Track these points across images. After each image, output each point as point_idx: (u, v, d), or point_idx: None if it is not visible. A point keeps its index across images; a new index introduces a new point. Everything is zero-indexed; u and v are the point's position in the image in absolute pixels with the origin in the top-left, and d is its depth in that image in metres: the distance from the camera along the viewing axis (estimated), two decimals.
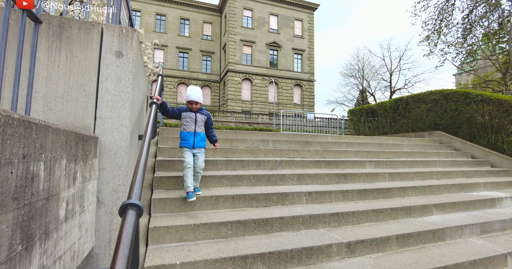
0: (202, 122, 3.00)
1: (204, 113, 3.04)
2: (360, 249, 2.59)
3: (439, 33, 22.58)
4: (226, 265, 2.10)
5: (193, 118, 2.93)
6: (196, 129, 2.93)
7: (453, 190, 4.41)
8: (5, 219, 0.81)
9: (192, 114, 2.95)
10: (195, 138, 2.90)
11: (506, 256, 2.84)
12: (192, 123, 2.93)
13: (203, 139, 3.00)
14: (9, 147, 0.81)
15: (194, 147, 2.89)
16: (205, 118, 3.04)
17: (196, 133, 2.92)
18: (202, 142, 2.98)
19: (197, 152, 2.91)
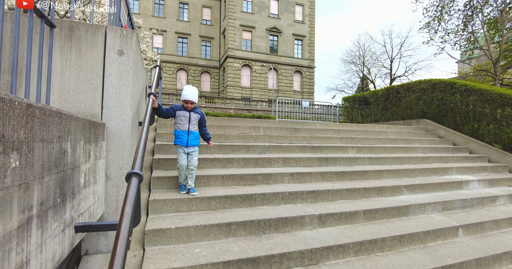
0: (196, 121, 3.07)
1: (197, 112, 3.11)
2: (330, 221, 3.04)
3: (440, 20, 22.37)
4: (213, 229, 2.54)
5: (187, 117, 3.00)
6: (190, 128, 3.00)
7: (427, 174, 4.83)
8: (51, 178, 1.19)
9: (186, 113, 3.01)
10: (188, 136, 2.98)
11: (458, 229, 3.29)
12: (186, 122, 3.00)
13: (196, 137, 3.07)
14: (51, 130, 1.18)
15: (188, 145, 2.97)
16: (198, 117, 3.10)
17: (189, 132, 2.99)
18: (196, 140, 3.05)
19: (191, 151, 3.00)
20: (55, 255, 1.30)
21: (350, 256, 2.63)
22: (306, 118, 11.56)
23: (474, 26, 22.72)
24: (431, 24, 23.18)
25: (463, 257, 2.77)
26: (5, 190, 0.85)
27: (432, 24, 23.10)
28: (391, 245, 2.84)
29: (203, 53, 38.47)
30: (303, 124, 6.11)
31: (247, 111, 28.52)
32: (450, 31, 23.17)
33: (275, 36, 37.46)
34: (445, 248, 2.97)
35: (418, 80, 8.21)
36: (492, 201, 4.22)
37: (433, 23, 23.04)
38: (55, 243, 1.29)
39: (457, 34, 22.78)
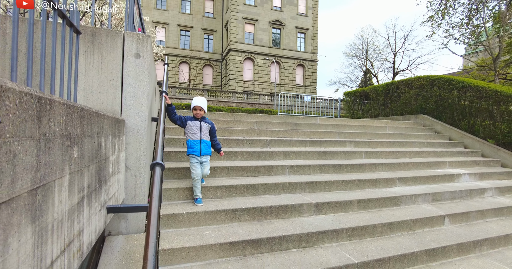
0: (207, 130, 3.09)
1: (208, 122, 3.13)
2: (326, 209, 3.32)
3: (444, 13, 22.19)
4: (220, 215, 2.83)
5: (198, 126, 3.02)
6: (202, 137, 3.01)
7: (421, 167, 5.09)
8: (93, 167, 1.47)
9: (197, 123, 3.04)
10: (201, 145, 2.99)
11: (444, 217, 3.57)
12: (198, 131, 3.01)
13: (209, 146, 3.09)
14: (93, 128, 1.45)
15: (201, 154, 2.98)
16: (209, 127, 3.12)
17: (202, 141, 3.00)
18: (208, 149, 3.06)
19: (204, 160, 3.02)
20: (96, 229, 1.58)
21: (343, 240, 2.92)
22: (308, 113, 11.77)
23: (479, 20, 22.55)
24: (434, 18, 23.04)
25: (446, 242, 3.05)
26: (71, 174, 1.12)
27: (436, 18, 22.95)
28: (381, 231, 3.13)
29: (205, 46, 38.39)
30: (304, 120, 6.36)
31: (249, 105, 28.69)
32: (454, 25, 23.01)
33: (278, 29, 37.26)
34: (431, 234, 3.25)
35: (417, 76, 8.38)
36: (480, 193, 4.48)
37: (437, 17, 22.89)
38: (95, 219, 1.57)
39: (461, 28, 22.63)
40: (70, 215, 1.14)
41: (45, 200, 0.90)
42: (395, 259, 2.69)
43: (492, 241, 3.30)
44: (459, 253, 3.07)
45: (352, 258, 2.56)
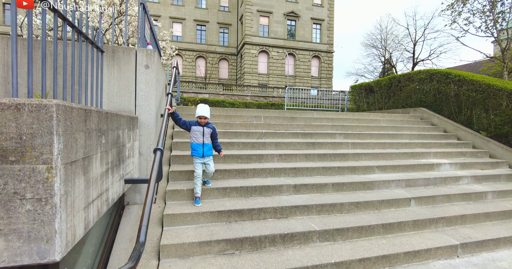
0: (209, 134, 3.46)
1: (210, 127, 3.48)
2: (304, 190, 3.97)
3: (464, 0, 21.33)
4: (214, 192, 3.57)
5: (201, 131, 3.39)
6: (204, 141, 3.39)
7: (405, 157, 5.56)
8: (114, 150, 2.22)
9: (200, 128, 3.39)
10: (204, 148, 3.38)
11: (410, 200, 4.10)
12: (200, 136, 3.39)
13: (210, 148, 3.48)
14: (115, 124, 2.20)
15: (203, 155, 3.38)
16: (211, 131, 3.48)
17: (204, 144, 3.39)
18: (210, 151, 3.46)
19: (207, 160, 3.43)
20: (117, 191, 2.36)
21: (313, 214, 3.57)
22: (315, 106, 12.21)
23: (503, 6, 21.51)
24: (454, 6, 22.18)
25: (403, 218, 3.61)
26: (101, 153, 1.87)
27: (456, 5, 22.09)
28: (349, 209, 3.74)
29: (221, 40, 39.01)
30: (301, 114, 6.93)
31: (263, 98, 29.19)
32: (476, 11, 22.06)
33: (293, 21, 37.07)
34: (393, 213, 3.82)
35: (418, 70, 8.60)
36: (455, 180, 4.91)
37: (457, 4, 22.03)
38: (117, 185, 2.35)
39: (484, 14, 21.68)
40: (101, 177, 1.90)
41: (89, 164, 1.65)
42: (353, 229, 3.31)
43: (448, 219, 3.81)
44: (415, 228, 3.62)
45: (315, 227, 3.21)
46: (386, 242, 3.27)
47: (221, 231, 3.00)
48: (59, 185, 1.28)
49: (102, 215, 1.95)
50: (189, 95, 25.22)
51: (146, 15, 4.11)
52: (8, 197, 1.19)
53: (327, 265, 2.76)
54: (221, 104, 16.66)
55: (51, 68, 2.89)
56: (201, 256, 2.76)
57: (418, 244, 3.26)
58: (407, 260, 3.09)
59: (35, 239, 1.24)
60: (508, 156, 5.90)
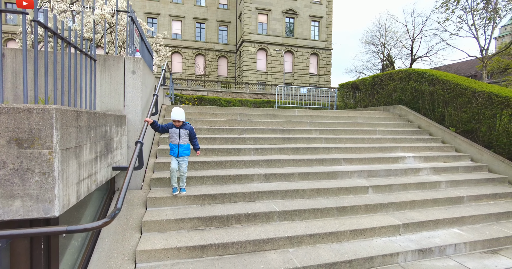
0: (185, 136, 3.68)
1: (186, 128, 3.69)
2: (273, 178, 4.54)
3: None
4: (193, 179, 4.15)
5: (177, 133, 3.63)
6: (180, 142, 3.64)
7: (373, 151, 6.10)
8: (102, 142, 2.79)
9: (176, 130, 3.64)
10: (179, 148, 3.64)
11: (368, 188, 4.66)
12: (177, 137, 3.64)
13: (186, 149, 3.69)
14: (103, 121, 2.76)
15: (178, 155, 3.64)
16: (187, 132, 3.69)
17: (180, 145, 3.64)
18: (186, 151, 3.68)
19: (181, 159, 3.68)
20: (105, 175, 2.95)
21: (277, 198, 4.14)
22: (307, 104, 12.72)
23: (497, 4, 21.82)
24: (448, 3, 22.49)
25: (357, 203, 4.18)
26: (90, 144, 2.45)
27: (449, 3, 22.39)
28: (310, 195, 4.31)
29: (220, 37, 39.39)
30: (283, 111, 7.47)
31: (261, 95, 29.67)
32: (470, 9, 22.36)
33: (291, 18, 37.35)
34: (350, 199, 4.38)
35: (398, 70, 9.09)
36: (415, 172, 5.45)
37: (451, 2, 22.33)
38: (105, 170, 2.93)
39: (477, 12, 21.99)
40: (90, 162, 2.48)
41: (80, 151, 2.22)
42: (309, 211, 3.88)
43: (399, 204, 4.37)
44: (367, 212, 4.18)
45: (277, 208, 3.79)
46: (338, 222, 3.85)
47: (195, 211, 3.58)
48: (58, 164, 1.86)
49: (91, 191, 2.53)
50: (188, 93, 25.79)
51: (135, 25, 4.66)
52: (23, 171, 1.77)
53: (281, 238, 3.34)
54: (218, 102, 17.22)
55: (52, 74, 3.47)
56: (176, 231, 3.35)
57: (365, 224, 3.83)
58: (353, 237, 3.66)
59: (41, 200, 1.83)
60: (471, 149, 6.42)
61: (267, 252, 3.25)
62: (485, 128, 6.48)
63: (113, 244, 3.04)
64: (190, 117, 6.43)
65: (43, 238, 2.10)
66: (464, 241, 3.77)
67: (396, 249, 3.47)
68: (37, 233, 1.74)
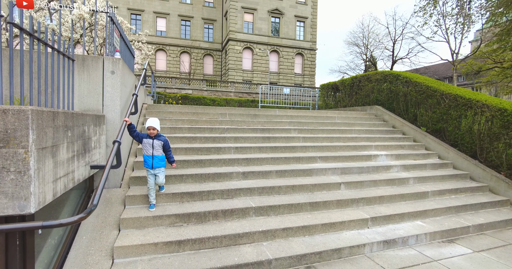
0: (159, 147, 3.55)
1: (161, 139, 3.58)
2: (251, 176, 4.72)
3: (435, 3, 22.61)
4: (172, 178, 4.26)
5: (150, 143, 3.51)
6: (154, 153, 3.50)
7: (348, 149, 6.40)
8: (79, 141, 2.86)
9: (150, 140, 3.51)
10: (153, 160, 3.50)
11: (341, 184, 4.92)
12: (150, 148, 3.50)
13: (161, 160, 3.56)
14: (80, 121, 2.83)
15: (153, 167, 3.50)
16: (161, 143, 3.57)
17: (154, 156, 3.50)
18: (160, 162, 3.55)
19: (157, 172, 3.55)
20: (83, 173, 3.02)
21: (255, 195, 4.32)
22: (291, 103, 12.99)
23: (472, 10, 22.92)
24: (426, 8, 23.44)
25: (330, 198, 4.42)
26: (67, 143, 2.52)
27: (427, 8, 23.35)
28: (286, 191, 4.52)
29: (205, 35, 39.14)
30: (264, 111, 7.66)
31: (247, 94, 29.78)
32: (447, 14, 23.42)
33: (277, 18, 37.64)
34: (323, 195, 4.62)
35: (374, 72, 9.50)
36: (386, 169, 5.79)
37: (428, 7, 23.29)
38: (83, 169, 3.00)
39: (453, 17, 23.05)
40: (67, 161, 2.56)
41: (57, 150, 2.30)
42: (284, 206, 4.09)
43: (368, 200, 4.66)
44: (338, 207, 4.44)
45: (253, 204, 3.97)
46: (310, 217, 4.08)
47: (173, 209, 3.70)
48: (33, 162, 1.94)
49: (68, 189, 2.61)
50: (172, 91, 25.54)
51: (115, 25, 4.68)
52: None
53: (256, 232, 3.52)
54: (202, 101, 17.21)
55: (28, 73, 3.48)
56: (154, 227, 3.46)
57: (336, 218, 4.08)
58: (324, 230, 3.90)
59: (17, 198, 1.91)
60: (439, 148, 6.86)
61: (242, 245, 3.43)
62: (452, 128, 6.94)
63: (90, 241, 3.12)
64: (172, 116, 6.50)
65: (19, 235, 2.18)
66: (425, 232, 4.09)
67: (363, 241, 3.74)
68: (12, 228, 1.82)
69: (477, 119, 6.37)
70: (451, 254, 3.76)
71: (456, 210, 4.87)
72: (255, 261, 3.10)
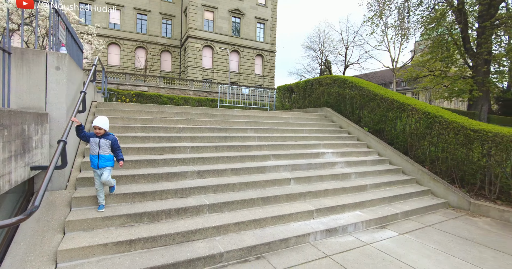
0: (106, 146, 3.48)
1: (108, 139, 3.50)
2: (206, 175, 4.83)
3: (381, 15, 24.90)
4: (123, 178, 4.18)
5: (97, 143, 3.45)
6: (100, 153, 3.44)
7: (299, 148, 6.86)
8: (19, 141, 2.70)
9: (96, 140, 3.44)
10: (99, 160, 3.44)
11: (291, 179, 5.30)
12: (96, 147, 3.44)
13: (107, 159, 3.49)
14: (18, 119, 2.68)
15: (98, 167, 3.44)
16: (109, 143, 3.50)
17: (99, 156, 3.44)
18: (106, 162, 3.48)
19: (103, 171, 3.48)
20: (21, 175, 2.85)
21: (209, 193, 4.46)
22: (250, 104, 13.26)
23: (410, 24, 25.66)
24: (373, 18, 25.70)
25: (280, 193, 4.74)
26: (3, 143, 2.39)
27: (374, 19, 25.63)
28: (240, 188, 4.73)
29: (163, 31, 37.70)
30: (222, 111, 7.80)
31: (207, 93, 29.43)
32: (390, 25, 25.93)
33: (238, 18, 37.82)
34: (274, 190, 4.93)
35: (325, 76, 10.26)
36: (332, 165, 6.36)
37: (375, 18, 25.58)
38: (21, 170, 2.84)
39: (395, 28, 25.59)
40: (3, 162, 2.42)
41: None
42: (237, 202, 4.29)
43: (315, 193, 5.10)
44: (288, 200, 4.79)
45: (207, 202, 4.10)
46: (262, 211, 4.35)
47: (124, 209, 3.66)
48: None
49: (4, 192, 2.47)
50: (126, 88, 24.17)
51: (60, 17, 4.42)
52: None
53: (209, 228, 3.67)
54: (159, 98, 16.62)
55: None
56: (104, 229, 3.39)
57: (285, 211, 4.41)
58: (274, 223, 4.20)
59: None
60: (378, 146, 7.71)
61: (195, 241, 3.54)
62: (389, 128, 7.85)
63: (30, 247, 2.96)
64: (124, 115, 6.28)
65: None
66: (361, 220, 4.64)
67: (308, 230, 4.12)
68: None
69: (409, 121, 7.31)
70: (381, 238, 4.34)
71: (389, 200, 5.57)
72: (207, 255, 3.25)
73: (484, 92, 21.94)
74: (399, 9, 24.07)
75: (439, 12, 22.84)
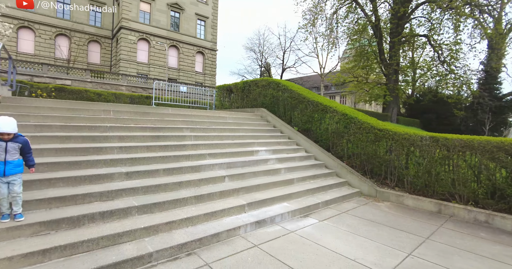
0: (15, 150, 3.13)
1: (18, 142, 3.15)
2: (136, 176, 4.67)
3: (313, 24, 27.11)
4: (36, 183, 3.76)
5: (3, 147, 3.05)
6: (7, 158, 3.06)
7: (235, 147, 7.13)
8: None
9: (3, 144, 3.05)
10: (5, 166, 3.05)
11: (225, 177, 5.50)
12: (3, 153, 3.04)
13: (16, 165, 3.13)
14: None
15: (5, 175, 3.04)
16: (19, 146, 3.16)
17: (6, 162, 3.06)
18: (16, 169, 3.12)
19: (10, 179, 3.09)
20: None
21: (139, 194, 4.33)
22: (185, 102, 12.98)
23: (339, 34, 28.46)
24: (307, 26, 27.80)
25: (214, 190, 4.89)
26: None
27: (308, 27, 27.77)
28: (172, 188, 4.71)
29: (91, 19, 33.96)
30: (156, 109, 7.54)
31: (142, 89, 27.61)
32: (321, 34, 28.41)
33: (177, 13, 36.43)
34: (209, 188, 5.06)
35: (261, 78, 10.81)
36: (265, 162, 6.80)
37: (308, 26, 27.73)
38: None
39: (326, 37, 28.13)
40: None
41: None
42: (169, 202, 4.28)
43: (248, 188, 5.40)
44: (221, 197, 4.97)
45: (136, 203, 3.99)
46: (195, 209, 4.43)
47: (36, 216, 3.32)
48: None
49: None
50: (43, 80, 21.07)
51: None
52: None
53: (137, 230, 3.60)
54: (85, 94, 14.95)
55: None
56: (10, 240, 3.01)
57: (218, 207, 4.58)
58: (206, 219, 4.33)
59: None
60: (306, 144, 8.51)
61: (122, 244, 3.44)
62: (315, 128, 8.73)
63: None
64: (39, 112, 5.56)
65: None
66: (288, 211, 5.12)
67: (239, 223, 4.38)
68: None
69: (331, 122, 8.27)
70: (304, 225, 4.88)
71: (313, 192, 6.25)
72: (135, 256, 3.20)
73: (394, 97, 26.01)
74: (329, 20, 26.68)
75: (361, 26, 26.16)
